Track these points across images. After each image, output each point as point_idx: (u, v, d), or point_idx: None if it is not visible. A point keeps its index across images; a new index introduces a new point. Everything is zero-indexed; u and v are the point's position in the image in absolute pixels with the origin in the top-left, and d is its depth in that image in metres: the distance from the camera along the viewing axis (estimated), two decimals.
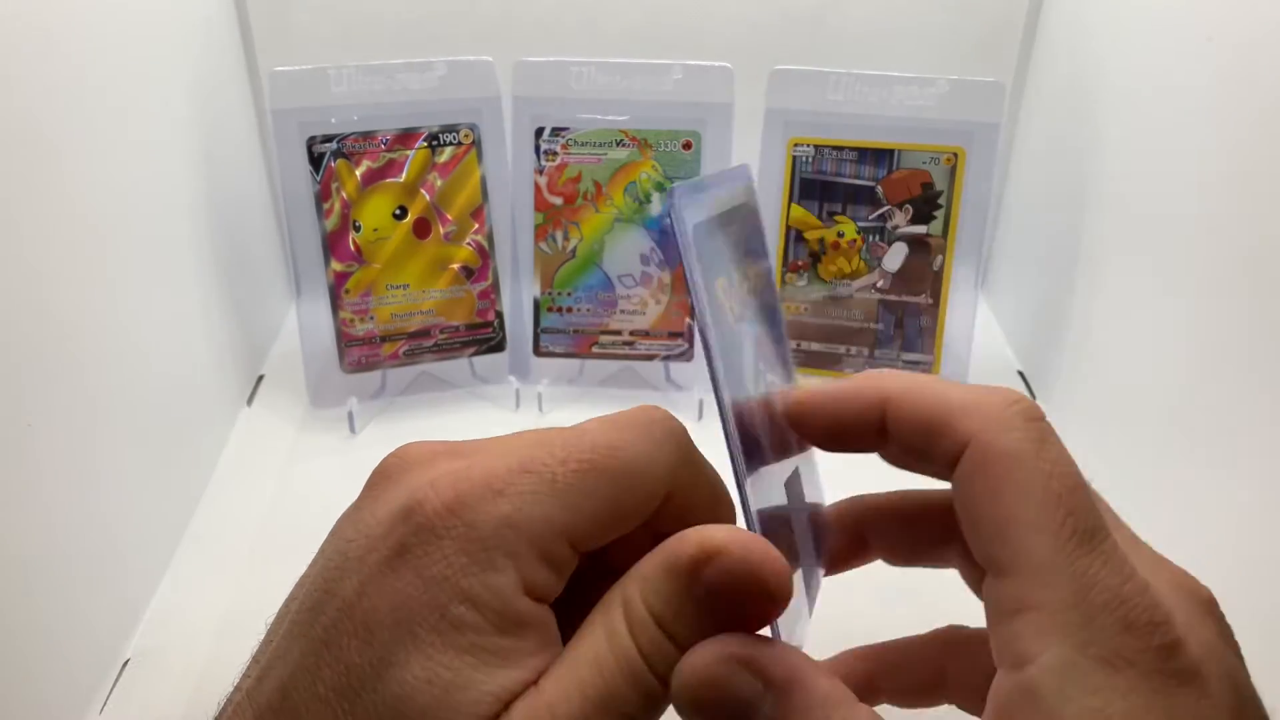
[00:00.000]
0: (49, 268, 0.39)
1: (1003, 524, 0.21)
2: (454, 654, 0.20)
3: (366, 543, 0.21)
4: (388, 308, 0.57)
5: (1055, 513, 0.21)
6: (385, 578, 0.21)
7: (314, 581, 0.22)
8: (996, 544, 0.21)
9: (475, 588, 0.20)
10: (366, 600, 0.21)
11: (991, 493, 0.21)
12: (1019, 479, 0.21)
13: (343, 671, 0.20)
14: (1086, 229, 0.55)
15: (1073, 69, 0.59)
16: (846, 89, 0.55)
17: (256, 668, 0.22)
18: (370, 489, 0.23)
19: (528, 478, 0.21)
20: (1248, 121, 0.41)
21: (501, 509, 0.21)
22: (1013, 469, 0.21)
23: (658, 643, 0.21)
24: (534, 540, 0.21)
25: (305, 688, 0.20)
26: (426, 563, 0.20)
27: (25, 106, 0.38)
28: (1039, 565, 0.20)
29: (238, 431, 0.58)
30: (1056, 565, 0.20)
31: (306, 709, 0.20)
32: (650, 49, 0.62)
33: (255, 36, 0.64)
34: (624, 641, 0.21)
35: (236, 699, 0.21)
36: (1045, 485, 0.21)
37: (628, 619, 0.21)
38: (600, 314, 0.59)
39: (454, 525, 0.21)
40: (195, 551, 0.49)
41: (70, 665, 0.40)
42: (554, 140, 0.57)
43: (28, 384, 0.37)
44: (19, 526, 0.36)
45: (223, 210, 0.58)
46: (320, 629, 0.21)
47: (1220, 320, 0.42)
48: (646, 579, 0.21)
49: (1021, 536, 0.21)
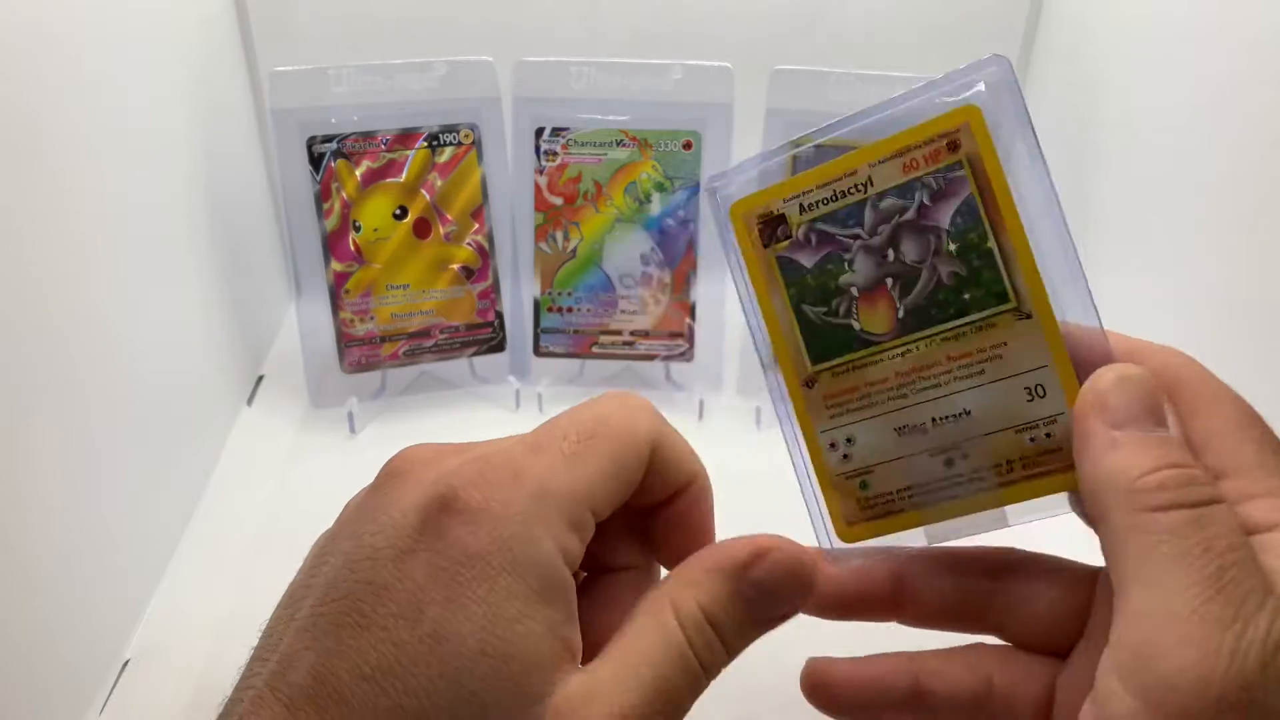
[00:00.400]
0: (49, 268, 0.39)
1: (1209, 436, 0.22)
2: (505, 624, 0.21)
3: (394, 533, 0.22)
4: (388, 308, 0.57)
5: (1253, 427, 0.22)
6: (427, 562, 0.21)
7: (336, 573, 0.22)
8: (1206, 454, 0.22)
9: (519, 560, 0.22)
10: (410, 582, 0.21)
11: (1189, 406, 0.23)
12: (1211, 393, 0.23)
13: (390, 650, 0.21)
14: (1086, 228, 0.56)
15: (1073, 69, 0.59)
16: (847, 89, 0.55)
17: (270, 662, 0.22)
18: (379, 487, 0.24)
19: (542, 457, 0.23)
20: (1248, 122, 0.41)
21: (528, 486, 0.22)
22: (1204, 384, 0.23)
23: (706, 636, 0.23)
24: (561, 511, 0.22)
25: (347, 670, 0.21)
26: (468, 542, 0.22)
27: (25, 107, 0.38)
28: (1256, 464, 0.22)
29: (238, 431, 0.58)
30: (1273, 465, 0.22)
31: (351, 691, 0.20)
32: (650, 49, 0.62)
33: (255, 36, 0.64)
34: (675, 636, 0.22)
35: (251, 694, 0.21)
36: (1236, 403, 0.23)
37: (678, 616, 0.23)
38: (600, 314, 0.59)
39: (488, 506, 0.22)
40: (195, 551, 0.49)
41: (70, 665, 0.40)
42: (554, 140, 0.57)
43: (27, 384, 0.37)
44: (19, 526, 0.36)
45: (223, 210, 0.58)
46: (358, 614, 0.21)
47: (1220, 320, 0.42)
48: (696, 581, 0.23)
49: (1232, 444, 0.22)
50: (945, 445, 0.25)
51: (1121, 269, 0.52)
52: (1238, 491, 0.22)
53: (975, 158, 0.24)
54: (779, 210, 0.26)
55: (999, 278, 0.24)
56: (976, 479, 0.25)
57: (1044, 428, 0.24)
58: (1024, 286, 0.24)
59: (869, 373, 0.25)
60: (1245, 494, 0.21)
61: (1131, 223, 0.51)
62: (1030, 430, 0.24)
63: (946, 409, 0.25)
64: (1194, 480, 0.21)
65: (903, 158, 0.24)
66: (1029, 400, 0.24)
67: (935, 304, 0.25)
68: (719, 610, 0.23)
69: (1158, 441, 0.22)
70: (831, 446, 0.26)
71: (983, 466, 0.25)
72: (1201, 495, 0.21)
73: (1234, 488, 0.22)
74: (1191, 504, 0.21)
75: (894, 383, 0.25)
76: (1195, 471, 0.21)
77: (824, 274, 0.25)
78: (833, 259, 0.25)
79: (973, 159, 0.24)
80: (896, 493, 0.25)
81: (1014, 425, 0.24)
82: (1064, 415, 0.24)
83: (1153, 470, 0.21)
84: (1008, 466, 0.24)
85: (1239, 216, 0.41)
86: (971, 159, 0.24)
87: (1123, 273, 0.51)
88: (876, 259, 0.25)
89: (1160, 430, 0.22)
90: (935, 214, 0.24)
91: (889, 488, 0.25)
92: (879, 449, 0.25)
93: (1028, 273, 0.24)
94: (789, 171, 0.26)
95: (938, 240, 0.24)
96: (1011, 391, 0.24)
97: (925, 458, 0.25)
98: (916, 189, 0.24)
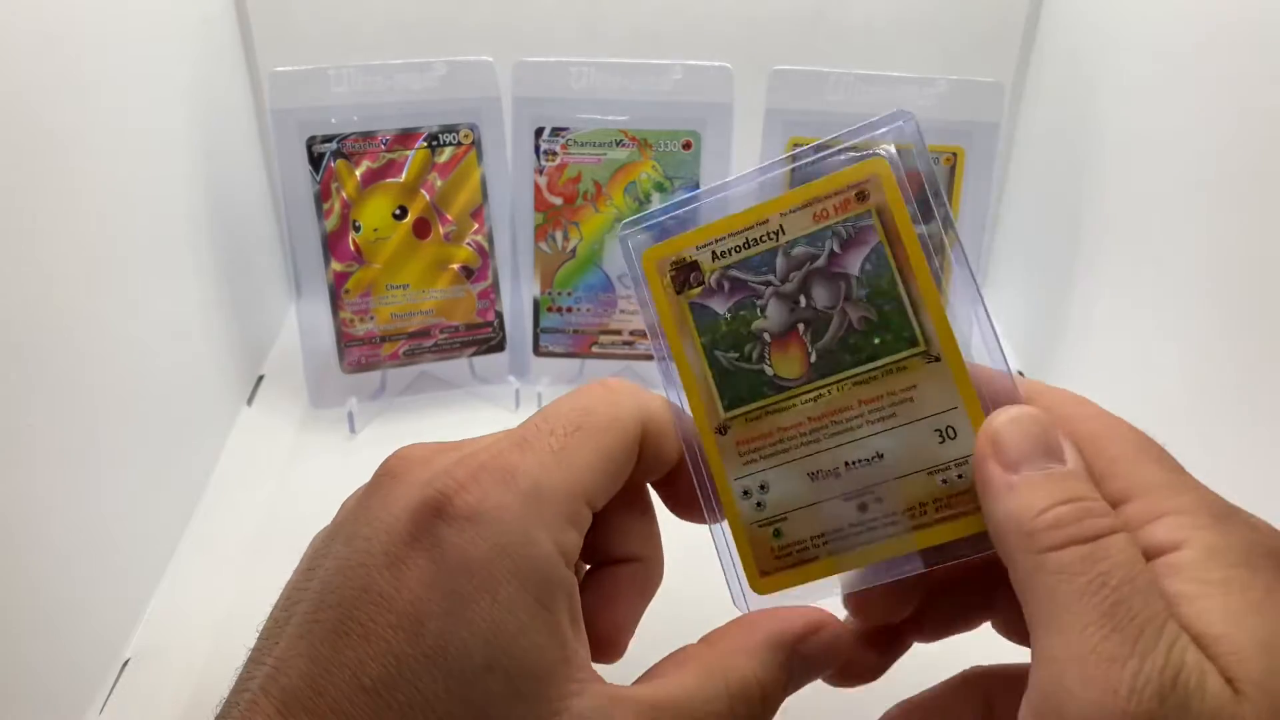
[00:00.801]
0: (49, 267, 0.39)
1: (1108, 464, 0.22)
2: (510, 637, 0.21)
3: (389, 537, 0.22)
4: (387, 308, 0.57)
5: (1149, 450, 0.22)
6: (425, 569, 0.21)
7: (331, 578, 0.22)
8: (1106, 484, 0.22)
9: (519, 566, 0.21)
10: (408, 592, 0.21)
11: (1086, 440, 0.23)
12: (1104, 427, 0.23)
13: (391, 663, 0.20)
14: (1086, 229, 0.56)
15: (1073, 69, 0.59)
16: (846, 89, 0.55)
17: (266, 666, 0.21)
18: (375, 487, 0.24)
19: (531, 454, 0.23)
20: (1248, 121, 0.41)
21: (521, 485, 0.22)
22: (1097, 421, 0.23)
23: (751, 707, 0.23)
24: (557, 508, 0.22)
25: (346, 681, 0.20)
26: (465, 549, 0.21)
27: (25, 107, 0.38)
28: (1159, 484, 0.22)
29: (238, 431, 0.58)
30: (1177, 483, 0.22)
31: (351, 701, 0.20)
32: (650, 49, 0.62)
33: (255, 36, 0.64)
34: (722, 702, 0.23)
35: (247, 698, 0.21)
36: (1131, 433, 0.23)
37: (727, 682, 0.23)
38: (600, 314, 0.59)
39: (483, 510, 0.21)
40: (195, 551, 0.49)
41: (70, 665, 0.40)
42: (554, 140, 0.57)
43: (28, 384, 0.37)
44: (19, 526, 0.36)
45: (223, 210, 0.58)
46: (355, 623, 0.21)
47: (1220, 320, 0.42)
48: (751, 652, 0.24)
49: (1131, 469, 0.22)
50: (858, 489, 0.25)
51: (1122, 269, 0.52)
52: (1143, 513, 0.22)
53: (884, 208, 0.25)
54: (691, 258, 0.26)
55: (908, 322, 0.25)
56: (890, 523, 0.25)
57: (955, 469, 0.24)
58: (932, 330, 0.25)
59: (782, 418, 0.25)
60: (1151, 514, 0.21)
61: (1132, 223, 0.51)
62: (942, 472, 0.24)
63: (859, 453, 0.25)
64: (1089, 513, 0.21)
65: (813, 207, 0.25)
66: (940, 442, 0.24)
67: (847, 348, 0.25)
68: (769, 680, 0.23)
69: (1049, 478, 0.22)
70: (745, 494, 0.26)
71: (896, 510, 0.25)
72: (1098, 528, 0.21)
73: (1139, 509, 0.22)
74: (1086, 538, 0.20)
75: (807, 427, 0.25)
76: (1091, 503, 0.21)
77: (736, 320, 0.26)
78: (745, 305, 0.26)
79: (881, 209, 0.25)
80: (810, 540, 0.25)
81: (926, 468, 0.25)
82: (974, 455, 0.24)
83: (1047, 508, 0.21)
84: (920, 509, 0.25)
85: (1240, 216, 0.41)
86: (880, 209, 0.25)
87: (1122, 274, 0.51)
88: (789, 305, 0.25)
89: (1055, 465, 0.22)
90: (845, 261, 0.25)
91: (803, 535, 0.25)
92: (792, 495, 0.25)
93: (936, 317, 0.25)
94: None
95: (848, 286, 0.25)
96: (922, 434, 0.25)
97: (839, 502, 0.25)
98: (827, 237, 0.25)
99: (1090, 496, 0.21)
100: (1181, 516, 0.21)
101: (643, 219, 0.27)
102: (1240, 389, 0.40)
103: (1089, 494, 0.21)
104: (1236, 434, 0.40)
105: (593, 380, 0.25)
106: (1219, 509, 0.21)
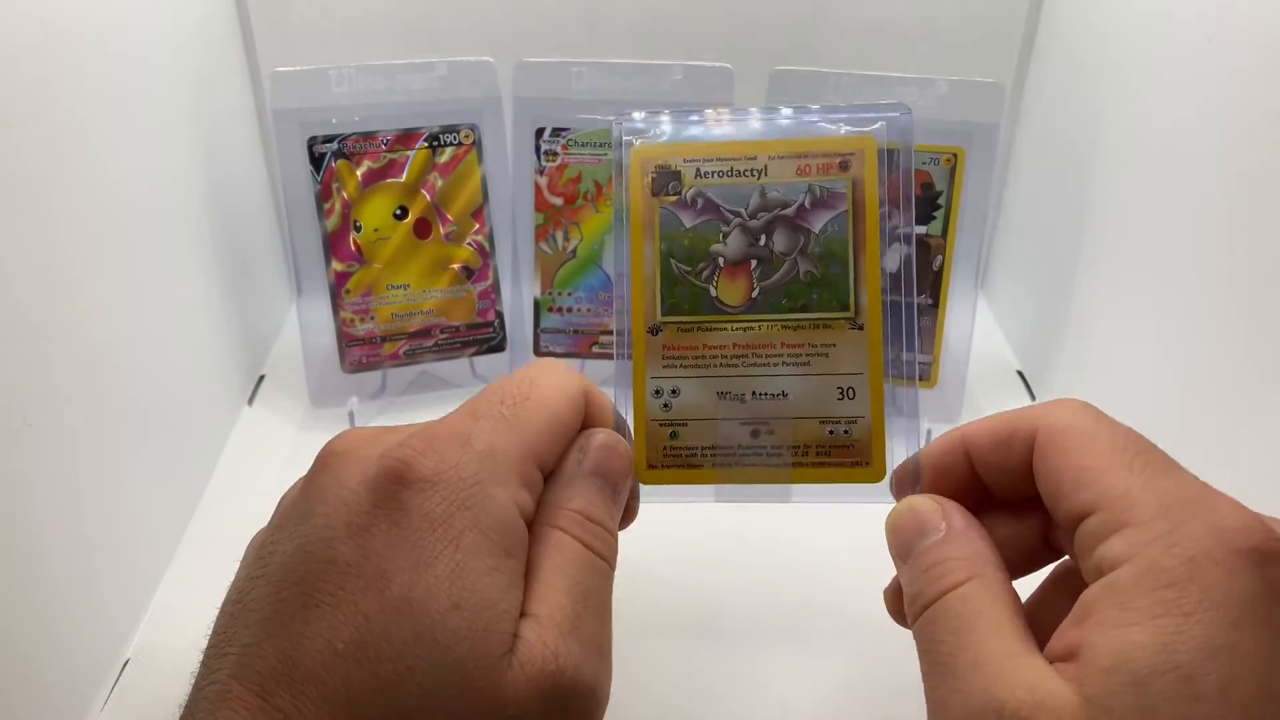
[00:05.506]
0: (49, 267, 0.39)
1: (1078, 473, 0.23)
2: (473, 577, 0.22)
3: (349, 510, 0.22)
4: (388, 308, 0.57)
5: (1124, 454, 0.23)
6: (388, 532, 0.22)
7: (289, 559, 0.22)
8: (1078, 493, 0.23)
9: (480, 518, 0.23)
10: (374, 556, 0.22)
11: (1063, 452, 0.24)
12: (1085, 438, 0.24)
13: (361, 624, 0.21)
14: (1086, 229, 0.56)
15: (1073, 69, 0.59)
16: (846, 89, 0.55)
17: (230, 656, 0.22)
18: (321, 471, 0.24)
19: (485, 421, 0.24)
20: (1248, 122, 0.41)
21: (477, 448, 0.24)
22: (1078, 432, 0.24)
23: (589, 529, 0.25)
24: (512, 468, 0.24)
25: (319, 649, 0.21)
26: (428, 508, 0.22)
27: (24, 106, 0.38)
28: (1121, 493, 0.22)
29: (238, 431, 0.58)
30: (1136, 488, 0.22)
31: (325, 668, 0.21)
32: (650, 49, 0.62)
33: (255, 36, 0.64)
34: (567, 542, 0.25)
35: (215, 689, 0.21)
36: (1111, 438, 0.24)
37: (560, 526, 0.25)
38: (600, 314, 0.59)
39: (442, 471, 0.23)
40: (195, 551, 0.49)
41: (70, 665, 0.40)
42: (554, 140, 0.57)
43: (27, 383, 0.37)
44: (19, 526, 0.36)
45: (223, 210, 0.58)
46: (322, 594, 0.21)
47: (1220, 320, 0.42)
48: (553, 500, 0.25)
49: (1099, 478, 0.23)
50: (757, 418, 0.28)
51: (1122, 274, 0.52)
52: (1101, 527, 0.22)
53: (860, 182, 0.27)
54: (676, 167, 0.28)
55: (847, 289, 0.27)
56: (774, 454, 0.28)
57: (844, 425, 0.27)
58: (865, 303, 0.27)
59: (711, 337, 0.28)
60: (1108, 528, 0.22)
61: (1132, 223, 0.51)
62: (833, 424, 0.27)
63: (768, 387, 0.27)
64: (932, 581, 0.24)
65: (799, 161, 0.27)
66: (839, 399, 0.27)
67: (787, 294, 0.27)
68: (586, 505, 0.25)
69: (920, 558, 0.24)
70: (656, 394, 0.28)
71: (783, 445, 0.28)
72: (931, 595, 0.23)
73: (1098, 523, 0.22)
74: (926, 605, 0.23)
75: (731, 352, 0.28)
76: (946, 564, 0.24)
77: (699, 237, 0.28)
78: (710, 226, 0.28)
79: (857, 182, 0.27)
80: (701, 449, 0.28)
81: (820, 416, 0.27)
82: (864, 419, 0.27)
83: (910, 585, 0.24)
84: (804, 450, 0.27)
85: (1240, 216, 0.41)
86: (856, 182, 0.27)
87: (1123, 274, 0.51)
88: (749, 239, 0.28)
89: (931, 538, 0.25)
90: (811, 218, 0.27)
91: (696, 443, 0.28)
92: (697, 406, 0.28)
93: (871, 294, 0.27)
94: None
95: (806, 240, 0.27)
96: (827, 387, 0.27)
97: (736, 425, 0.28)
98: (803, 191, 0.27)
99: (947, 558, 0.24)
100: (1136, 529, 0.22)
101: (648, 118, 0.29)
102: (1240, 389, 0.40)
103: (949, 555, 0.24)
104: (1236, 434, 0.40)
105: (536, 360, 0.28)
106: (1180, 512, 0.21)
